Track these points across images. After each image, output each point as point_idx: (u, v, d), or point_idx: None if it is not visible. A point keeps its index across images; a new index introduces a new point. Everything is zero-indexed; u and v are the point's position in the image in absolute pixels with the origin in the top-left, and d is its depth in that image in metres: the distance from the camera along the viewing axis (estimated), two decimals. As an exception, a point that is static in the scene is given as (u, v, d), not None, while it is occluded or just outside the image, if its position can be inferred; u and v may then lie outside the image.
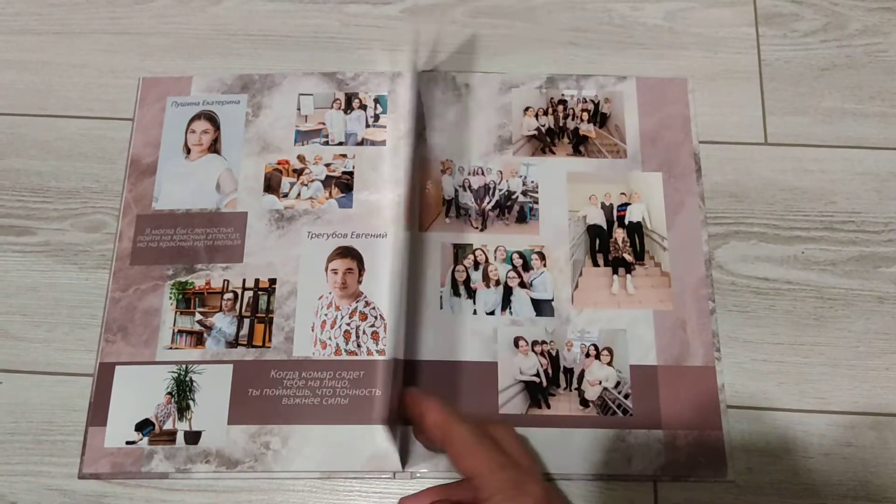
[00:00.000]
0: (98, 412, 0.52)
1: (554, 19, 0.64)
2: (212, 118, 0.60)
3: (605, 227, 0.58)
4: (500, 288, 0.56)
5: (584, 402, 0.53)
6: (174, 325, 0.55)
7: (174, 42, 0.63)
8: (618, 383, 0.54)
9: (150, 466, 0.51)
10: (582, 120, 0.61)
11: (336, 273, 0.56)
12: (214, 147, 0.59)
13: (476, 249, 0.57)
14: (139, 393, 0.53)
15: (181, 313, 0.55)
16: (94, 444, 0.52)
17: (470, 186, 0.58)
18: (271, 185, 0.58)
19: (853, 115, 0.61)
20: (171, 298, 0.55)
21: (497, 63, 0.62)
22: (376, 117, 0.60)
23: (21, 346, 0.55)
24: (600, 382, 0.54)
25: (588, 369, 0.54)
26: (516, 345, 0.54)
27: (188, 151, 0.59)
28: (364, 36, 0.63)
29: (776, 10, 0.64)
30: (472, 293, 0.56)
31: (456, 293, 0.56)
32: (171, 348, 0.54)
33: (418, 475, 0.51)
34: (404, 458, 0.51)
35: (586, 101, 0.61)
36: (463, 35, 0.63)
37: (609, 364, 0.54)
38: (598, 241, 0.57)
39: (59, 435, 0.52)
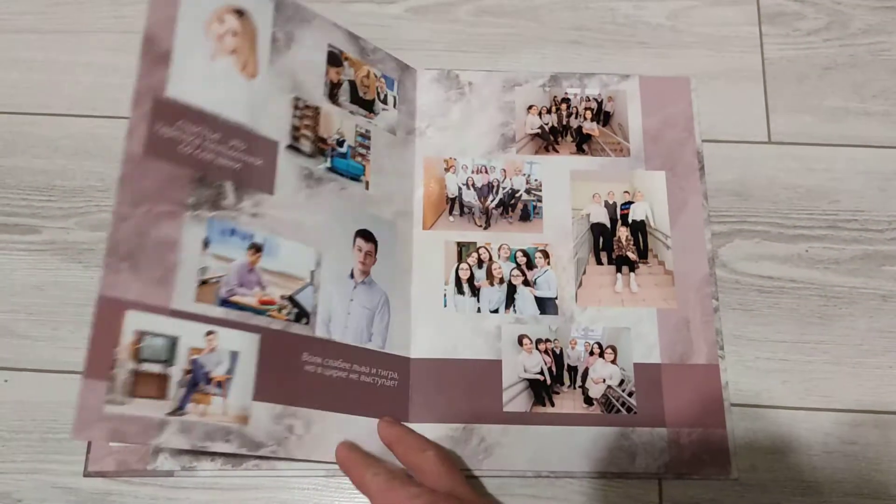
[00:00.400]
0: None
1: (557, 18, 0.64)
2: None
3: (608, 225, 0.58)
4: (504, 286, 0.56)
5: (588, 400, 0.53)
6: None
7: (178, 41, 0.63)
8: (622, 381, 0.54)
9: (156, 464, 0.51)
10: (585, 118, 0.61)
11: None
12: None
13: (480, 247, 0.57)
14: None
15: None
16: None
17: (473, 184, 0.59)
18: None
19: (856, 114, 0.61)
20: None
21: (500, 62, 0.63)
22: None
23: (26, 345, 0.55)
24: (604, 380, 0.54)
25: (592, 367, 0.54)
26: (520, 343, 0.54)
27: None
28: (368, 35, 0.63)
29: (779, 9, 0.65)
30: (475, 291, 0.56)
31: (460, 291, 0.56)
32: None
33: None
34: None
35: (589, 100, 0.61)
36: (466, 34, 0.64)
37: (613, 362, 0.54)
38: (601, 240, 0.57)
39: (65, 433, 0.53)
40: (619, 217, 0.58)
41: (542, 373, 0.54)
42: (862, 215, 0.58)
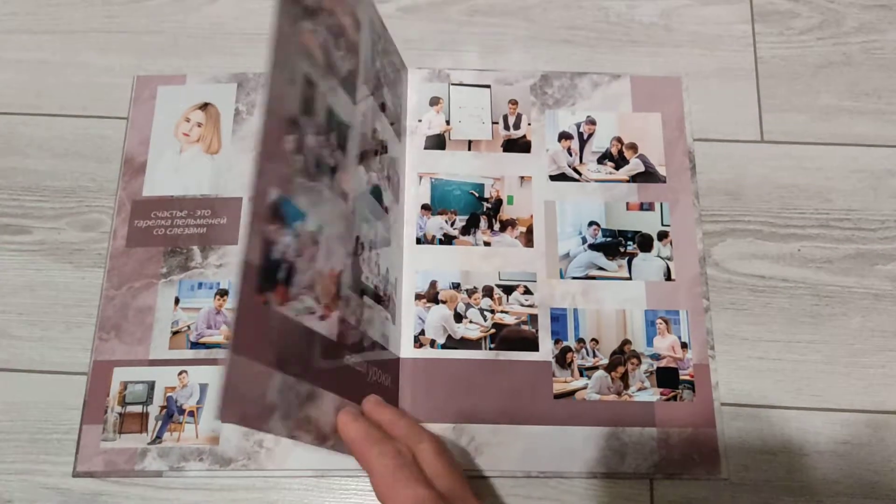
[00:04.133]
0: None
1: (549, 17, 0.64)
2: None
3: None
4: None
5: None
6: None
7: (170, 41, 0.63)
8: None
9: (144, 465, 0.51)
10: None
11: None
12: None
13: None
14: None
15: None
16: (88, 443, 0.52)
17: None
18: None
19: (849, 113, 0.61)
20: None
21: (492, 61, 0.62)
22: None
23: (17, 345, 0.55)
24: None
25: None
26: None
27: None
28: (360, 34, 0.63)
29: (772, 7, 0.64)
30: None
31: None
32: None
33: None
34: None
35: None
36: (458, 33, 0.63)
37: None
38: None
39: (55, 434, 0.52)
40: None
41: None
42: (854, 214, 0.58)
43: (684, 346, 0.54)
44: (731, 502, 0.51)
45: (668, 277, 0.56)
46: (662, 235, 0.57)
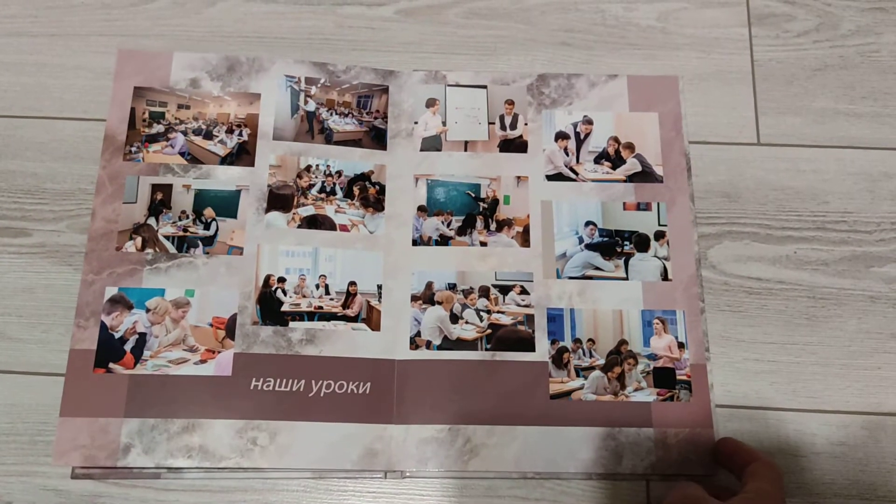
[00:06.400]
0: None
1: (547, 20, 0.64)
2: None
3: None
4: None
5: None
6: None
7: (170, 44, 0.63)
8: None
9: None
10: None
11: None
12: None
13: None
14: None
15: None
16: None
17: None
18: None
19: (846, 116, 0.61)
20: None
21: (490, 64, 0.63)
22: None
23: (17, 347, 0.55)
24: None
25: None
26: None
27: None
28: (358, 37, 0.64)
29: (769, 10, 0.65)
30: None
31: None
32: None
33: (408, 474, 0.52)
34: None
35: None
36: (456, 36, 0.64)
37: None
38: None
39: (55, 436, 0.53)
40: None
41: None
42: (850, 217, 0.58)
43: (681, 346, 0.54)
44: None
45: (664, 277, 0.56)
46: (659, 235, 0.57)
